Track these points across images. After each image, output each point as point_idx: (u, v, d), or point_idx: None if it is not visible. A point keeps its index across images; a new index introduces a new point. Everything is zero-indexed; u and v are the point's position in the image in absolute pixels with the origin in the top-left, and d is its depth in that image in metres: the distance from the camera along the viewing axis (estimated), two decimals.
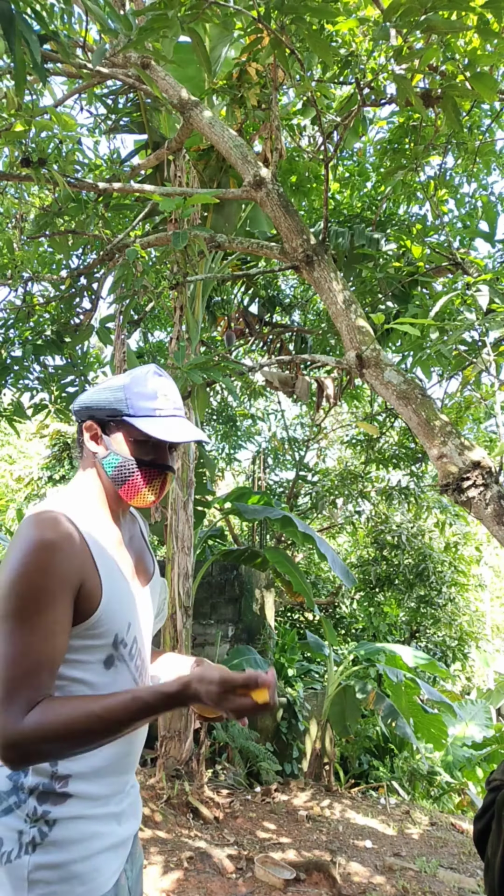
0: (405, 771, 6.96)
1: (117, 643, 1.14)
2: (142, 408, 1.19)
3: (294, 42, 3.20)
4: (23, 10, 2.37)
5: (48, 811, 1.09)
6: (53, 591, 1.03)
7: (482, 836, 1.28)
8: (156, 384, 1.22)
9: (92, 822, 1.13)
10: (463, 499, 2.52)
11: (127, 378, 1.22)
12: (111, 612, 1.12)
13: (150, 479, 1.20)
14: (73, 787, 1.11)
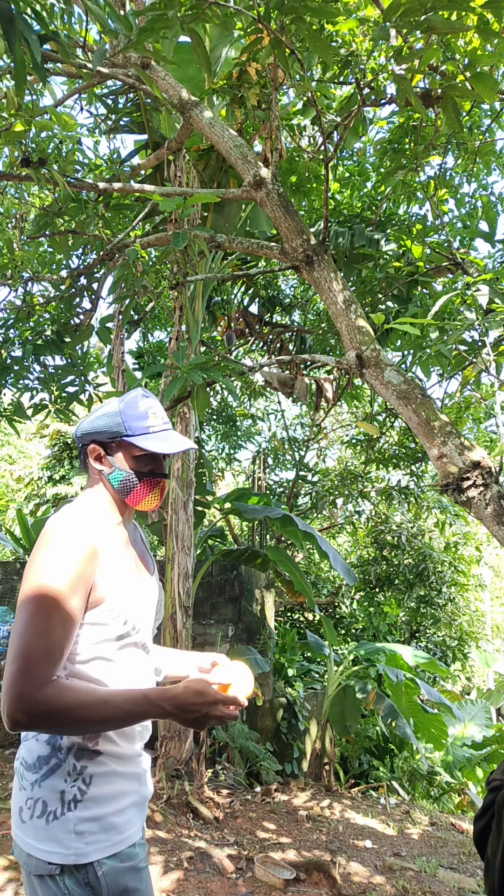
0: (405, 771, 6.97)
1: (127, 626, 1.33)
2: (137, 427, 1.41)
3: (294, 42, 3.20)
4: (23, 10, 2.37)
5: (85, 766, 1.29)
6: (75, 587, 1.23)
7: (482, 836, 1.28)
8: (145, 405, 1.44)
9: (121, 780, 1.33)
10: (463, 499, 2.52)
11: (120, 404, 1.43)
12: (118, 599, 1.32)
13: (151, 486, 1.43)
14: (102, 745, 1.31)
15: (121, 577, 1.36)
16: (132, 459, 1.41)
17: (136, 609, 1.37)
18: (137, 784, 1.37)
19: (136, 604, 1.38)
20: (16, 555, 10.24)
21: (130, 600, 1.36)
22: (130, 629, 1.35)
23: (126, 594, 1.35)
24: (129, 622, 1.34)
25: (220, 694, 1.25)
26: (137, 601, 1.39)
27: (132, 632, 1.35)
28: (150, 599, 1.47)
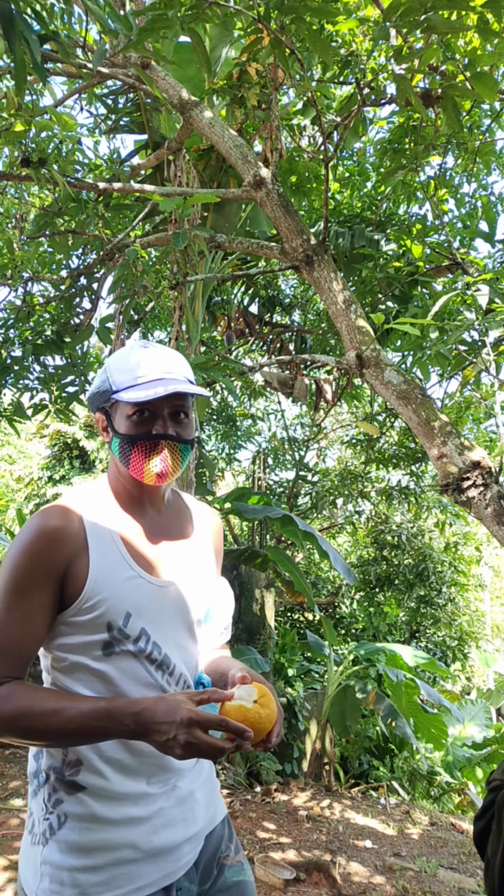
0: (405, 771, 6.97)
1: (113, 630, 1.09)
2: (123, 381, 1.15)
3: (294, 42, 3.20)
4: (23, 10, 2.37)
5: (60, 800, 1.09)
6: (37, 577, 1.06)
7: (482, 836, 1.28)
8: (139, 356, 1.17)
9: (105, 829, 1.07)
10: (463, 499, 2.52)
11: (110, 358, 1.21)
12: (100, 597, 1.09)
13: (147, 451, 1.14)
14: (84, 777, 1.08)
15: (111, 571, 1.11)
16: (126, 422, 1.14)
17: (137, 612, 1.11)
18: (137, 833, 1.08)
19: (137, 606, 1.11)
20: None
21: (125, 600, 1.10)
22: (120, 636, 1.09)
23: (117, 592, 1.10)
24: (116, 626, 1.09)
25: (202, 715, 0.95)
26: (142, 603, 1.12)
27: (124, 639, 1.10)
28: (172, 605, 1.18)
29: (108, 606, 1.09)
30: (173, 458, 1.15)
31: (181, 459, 1.16)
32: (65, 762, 1.09)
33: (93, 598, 1.08)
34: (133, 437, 1.14)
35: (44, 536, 1.08)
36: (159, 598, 1.16)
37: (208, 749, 0.94)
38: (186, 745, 0.93)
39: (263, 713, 1.01)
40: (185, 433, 1.17)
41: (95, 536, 1.12)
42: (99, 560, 1.10)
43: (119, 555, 1.14)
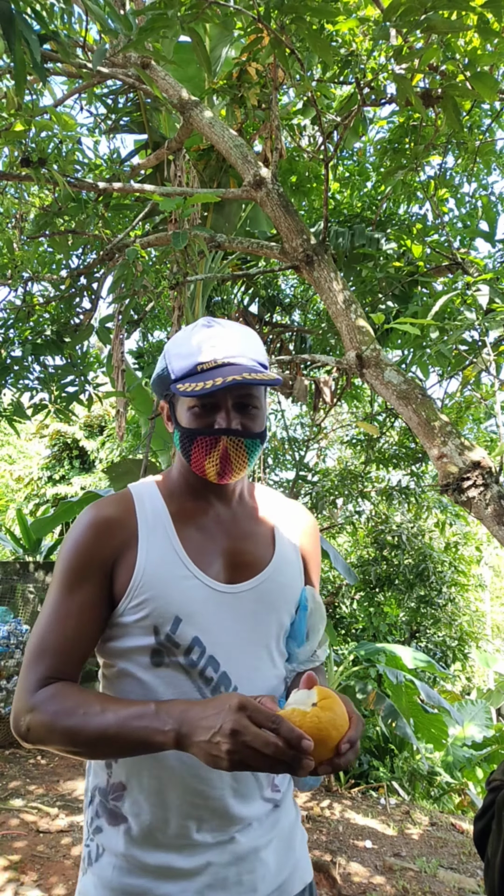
0: (405, 771, 6.96)
1: (160, 636, 0.96)
2: (182, 367, 1.00)
3: (294, 42, 3.20)
4: (23, 10, 2.37)
5: (100, 829, 0.99)
6: (85, 570, 0.98)
7: (482, 837, 1.27)
8: (201, 337, 1.01)
9: (140, 876, 0.94)
10: (463, 499, 2.51)
11: (170, 340, 1.07)
12: (147, 595, 0.97)
13: (207, 448, 0.99)
14: (127, 806, 0.97)
15: (161, 567, 0.98)
16: (187, 413, 1.01)
17: (189, 618, 0.97)
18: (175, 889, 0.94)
19: (189, 611, 0.97)
20: (16, 555, 10.24)
21: (174, 602, 0.97)
22: (168, 643, 0.96)
23: (166, 592, 0.97)
24: (164, 632, 0.96)
25: (255, 704, 0.78)
26: (195, 609, 0.98)
27: (174, 649, 0.96)
28: (238, 616, 1.02)
29: (155, 607, 0.97)
30: (237, 454, 1.00)
31: (247, 456, 1.01)
32: (108, 783, 1.00)
33: (139, 596, 0.97)
34: (192, 431, 1.00)
35: (92, 527, 1.00)
36: (221, 606, 1.00)
37: (258, 742, 0.74)
38: (232, 734, 0.75)
39: (324, 717, 0.79)
40: (253, 425, 1.01)
41: (148, 528, 1.01)
42: (149, 554, 0.99)
43: (172, 550, 1.01)
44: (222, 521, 1.08)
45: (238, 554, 1.06)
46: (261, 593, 1.05)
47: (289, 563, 1.11)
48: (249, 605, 1.03)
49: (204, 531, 1.05)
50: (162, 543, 1.01)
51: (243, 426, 1.00)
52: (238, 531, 1.08)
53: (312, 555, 1.19)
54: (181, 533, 1.03)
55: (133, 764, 0.98)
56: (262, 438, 1.02)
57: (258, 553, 1.08)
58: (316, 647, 1.12)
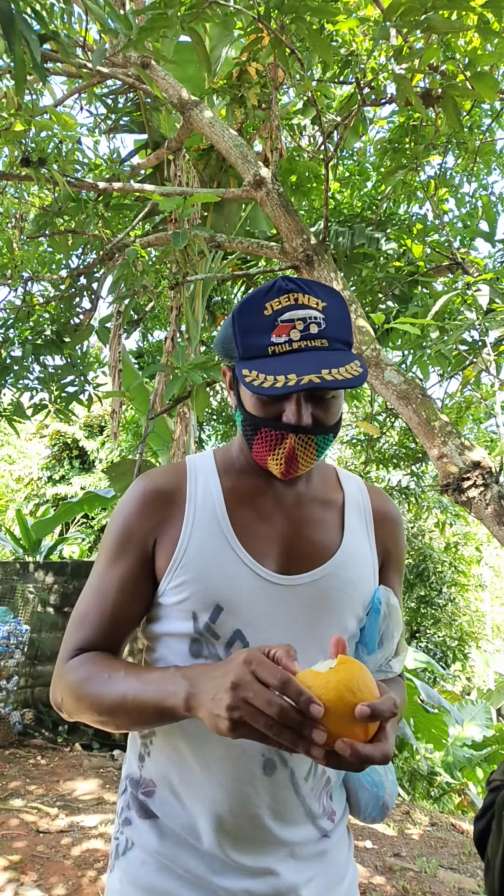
0: (405, 771, 6.96)
1: (198, 622, 0.88)
2: (251, 345, 0.85)
3: (294, 42, 3.20)
4: (23, 10, 2.37)
5: (130, 821, 0.92)
6: (127, 541, 0.91)
7: (482, 837, 1.27)
8: (276, 304, 0.85)
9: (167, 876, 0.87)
10: (463, 499, 2.51)
11: (242, 302, 0.89)
12: (187, 576, 0.88)
13: (272, 444, 0.87)
14: (159, 804, 0.90)
15: (206, 547, 0.89)
16: (251, 396, 0.88)
17: (232, 608, 0.87)
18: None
19: (233, 600, 0.87)
20: (15, 555, 10.24)
21: (216, 588, 0.87)
22: (207, 633, 0.87)
23: (208, 575, 0.87)
24: (203, 620, 0.87)
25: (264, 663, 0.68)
26: (240, 598, 0.87)
27: (214, 640, 0.87)
28: (294, 611, 0.90)
29: (195, 591, 0.88)
30: (305, 454, 0.87)
31: (317, 453, 0.88)
32: (140, 776, 0.94)
33: (180, 576, 0.88)
34: (257, 420, 0.87)
35: (137, 498, 0.92)
36: (271, 599, 0.89)
37: (260, 700, 0.65)
38: (233, 688, 0.67)
39: (341, 682, 0.65)
40: (327, 417, 0.87)
41: (196, 503, 0.92)
42: (194, 531, 0.90)
43: (220, 530, 0.90)
44: (283, 502, 0.95)
45: (298, 541, 0.93)
46: (321, 588, 0.91)
47: (359, 556, 0.96)
48: (306, 601, 0.90)
49: (260, 513, 0.93)
50: (209, 522, 0.91)
51: (316, 420, 0.86)
52: (300, 515, 0.95)
53: (394, 551, 1.03)
54: (233, 513, 0.92)
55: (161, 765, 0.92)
56: (336, 431, 0.89)
57: (322, 542, 0.94)
58: (391, 655, 0.99)
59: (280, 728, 0.65)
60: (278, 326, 0.84)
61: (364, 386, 6.99)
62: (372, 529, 1.01)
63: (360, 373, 0.81)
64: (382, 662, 0.98)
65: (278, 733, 0.65)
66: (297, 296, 0.85)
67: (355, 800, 0.99)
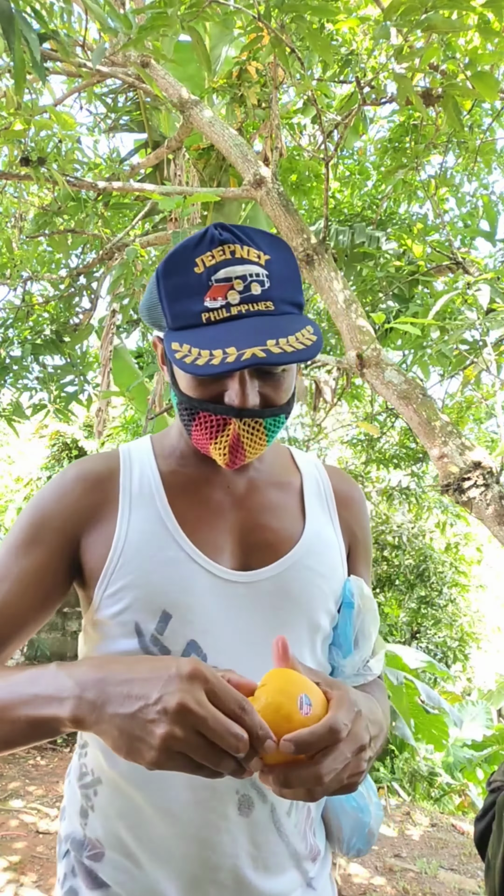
0: (406, 772, 6.96)
1: (143, 637, 0.73)
2: (181, 313, 0.71)
3: (294, 41, 3.19)
4: (22, 9, 2.36)
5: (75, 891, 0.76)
6: (41, 531, 0.76)
7: (483, 838, 1.27)
8: (209, 259, 0.70)
9: None
10: (464, 499, 2.51)
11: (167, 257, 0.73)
12: (124, 581, 0.74)
13: (211, 430, 0.73)
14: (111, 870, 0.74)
15: (146, 545, 0.75)
16: (187, 374, 0.73)
17: (182, 614, 0.73)
18: None
19: (182, 603, 0.73)
20: None
21: (161, 591, 0.73)
22: (155, 648, 0.73)
23: (150, 577, 0.73)
24: (148, 632, 0.73)
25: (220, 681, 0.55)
26: (191, 601, 0.74)
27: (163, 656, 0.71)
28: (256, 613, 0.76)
29: (137, 596, 0.73)
30: (253, 438, 0.73)
31: (267, 437, 0.75)
32: (84, 835, 0.78)
33: (116, 582, 0.74)
34: (194, 402, 0.73)
35: (59, 481, 0.79)
36: (229, 600, 0.76)
37: (217, 731, 0.51)
38: (179, 713, 0.52)
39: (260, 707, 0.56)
40: (278, 395, 0.74)
41: (132, 494, 0.78)
42: (131, 526, 0.76)
43: (161, 524, 0.77)
44: (233, 489, 0.82)
45: (254, 531, 0.80)
46: (286, 582, 0.78)
47: (325, 543, 0.84)
48: (270, 600, 0.77)
49: (207, 503, 0.80)
50: (148, 515, 0.77)
51: (264, 399, 0.72)
52: (255, 502, 0.82)
53: (360, 536, 0.90)
54: (176, 504, 0.79)
55: (110, 820, 0.75)
56: (288, 410, 0.76)
57: (282, 529, 0.81)
58: (368, 655, 0.86)
59: (227, 761, 0.53)
60: (212, 287, 0.69)
61: (364, 386, 6.99)
62: (335, 512, 0.88)
63: (314, 341, 0.67)
64: (360, 665, 0.85)
65: (221, 764, 0.53)
66: (233, 248, 0.70)
67: (337, 829, 0.84)
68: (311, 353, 0.66)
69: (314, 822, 0.81)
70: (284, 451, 0.93)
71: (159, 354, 0.82)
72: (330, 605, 0.82)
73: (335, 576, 0.83)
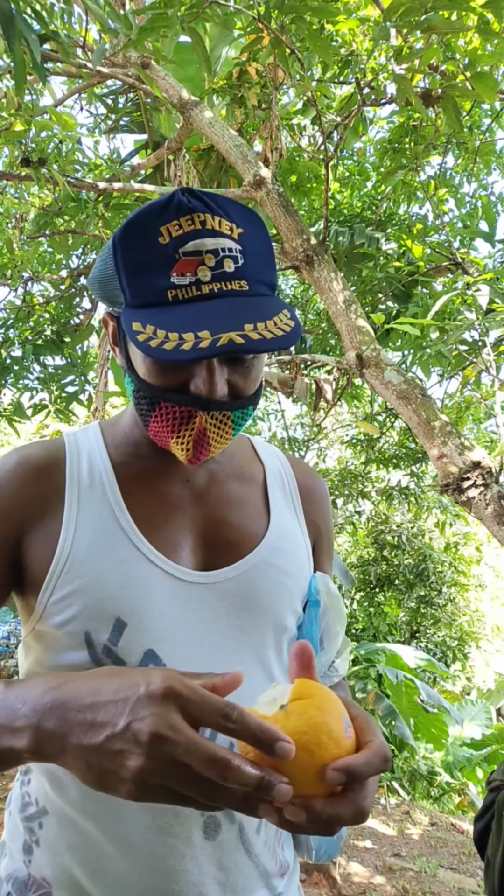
0: (405, 771, 6.97)
1: (94, 649, 0.65)
2: (143, 289, 0.62)
3: (294, 42, 3.20)
4: (23, 10, 2.37)
5: None
6: None
7: (482, 837, 1.27)
8: (175, 229, 0.61)
9: None
10: (463, 499, 2.51)
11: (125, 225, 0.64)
12: (73, 585, 0.65)
13: (173, 423, 0.65)
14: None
15: (97, 544, 0.67)
16: (146, 359, 0.65)
17: (138, 620, 0.65)
18: None
19: (139, 609, 0.66)
20: None
21: (114, 596, 0.65)
22: (108, 660, 0.65)
23: (102, 580, 0.65)
24: (100, 643, 0.65)
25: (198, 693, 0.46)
26: (148, 605, 0.66)
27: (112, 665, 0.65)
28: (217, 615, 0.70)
29: (87, 603, 0.65)
30: (220, 432, 0.67)
31: (234, 429, 0.68)
32: (29, 875, 0.68)
33: (64, 587, 0.65)
34: (154, 391, 0.65)
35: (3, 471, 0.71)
36: (189, 603, 0.69)
37: (198, 758, 0.44)
38: (152, 742, 0.44)
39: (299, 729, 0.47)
40: (246, 385, 0.67)
41: (80, 487, 0.70)
42: (80, 524, 0.68)
43: (113, 521, 0.69)
44: (193, 483, 0.75)
45: (216, 528, 0.74)
46: (251, 582, 0.72)
47: (290, 539, 0.78)
48: (234, 601, 0.71)
49: (164, 497, 0.73)
50: (99, 511, 0.69)
51: (233, 390, 0.66)
52: (216, 496, 0.76)
53: (324, 531, 0.85)
54: (130, 498, 0.71)
55: (59, 855, 0.66)
56: (256, 402, 0.70)
57: (246, 525, 0.75)
58: (334, 656, 0.82)
59: (220, 793, 0.45)
60: (180, 262, 0.61)
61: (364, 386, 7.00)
62: (300, 506, 0.83)
63: (293, 327, 0.61)
64: (326, 666, 0.81)
65: (215, 797, 0.45)
66: (203, 217, 0.61)
67: (305, 839, 0.77)
68: (292, 340, 0.60)
69: (282, 836, 0.75)
70: (245, 441, 0.86)
71: (111, 333, 0.72)
72: (296, 604, 0.77)
73: (301, 573, 0.78)
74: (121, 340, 0.70)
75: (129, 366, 0.69)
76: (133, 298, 0.63)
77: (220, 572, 0.71)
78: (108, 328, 0.72)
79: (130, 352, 0.68)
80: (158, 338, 0.58)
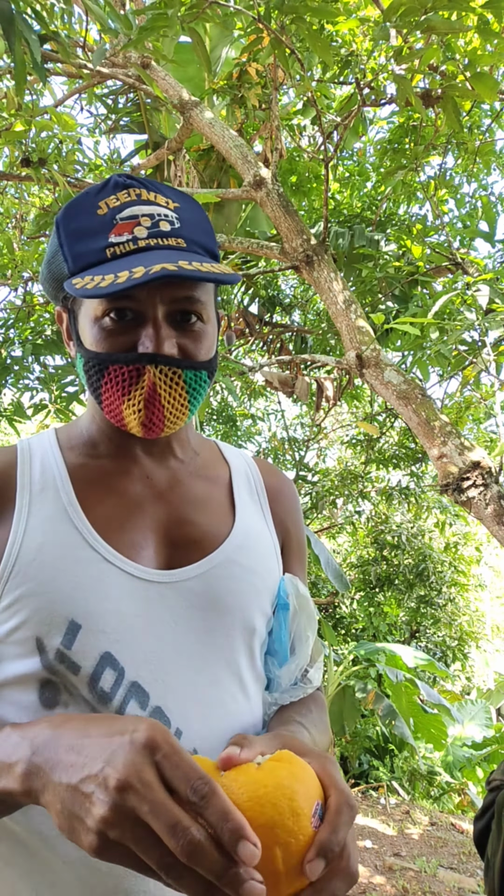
0: (405, 771, 6.97)
1: (47, 654, 0.61)
2: (83, 252, 0.65)
3: (294, 42, 3.20)
4: (23, 10, 2.37)
5: None
6: None
7: (482, 836, 1.28)
8: (112, 201, 0.65)
9: None
10: (463, 499, 2.52)
11: (65, 206, 0.68)
12: (24, 588, 0.62)
13: (123, 385, 0.64)
14: None
15: (51, 544, 0.64)
16: (93, 328, 0.65)
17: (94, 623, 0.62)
18: None
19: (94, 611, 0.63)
20: None
21: (68, 597, 0.62)
22: (62, 667, 0.61)
23: (55, 581, 0.63)
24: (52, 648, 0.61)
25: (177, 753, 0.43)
26: (105, 607, 0.63)
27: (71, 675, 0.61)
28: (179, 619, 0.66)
29: (38, 606, 0.62)
30: (172, 394, 0.65)
31: (188, 396, 0.67)
32: None
33: (14, 591, 0.62)
34: (101, 357, 0.65)
35: None
36: (149, 603, 0.65)
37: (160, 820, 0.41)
38: (120, 789, 0.42)
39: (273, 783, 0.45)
40: (196, 349, 0.67)
41: (31, 491, 0.68)
42: (30, 527, 0.65)
43: (67, 521, 0.66)
44: (154, 481, 0.73)
45: (178, 526, 0.71)
46: (216, 580, 0.69)
47: (257, 538, 0.76)
48: (197, 601, 0.67)
49: (123, 496, 0.71)
50: (51, 512, 0.67)
51: (182, 349, 0.66)
52: (178, 495, 0.73)
53: (294, 532, 0.83)
54: (85, 497, 0.69)
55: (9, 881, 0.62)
56: (211, 370, 0.68)
57: (210, 523, 0.73)
58: (305, 663, 0.76)
59: (182, 871, 0.41)
60: (118, 225, 0.63)
61: (364, 386, 7.00)
62: (267, 506, 0.81)
63: (232, 273, 0.61)
64: (297, 674, 0.76)
65: (178, 876, 0.41)
66: (139, 191, 0.66)
67: None
68: (230, 279, 0.60)
69: None
70: (211, 445, 0.84)
71: (64, 329, 0.72)
72: (265, 604, 0.73)
73: (269, 573, 0.75)
74: (73, 331, 0.70)
75: (79, 345, 0.69)
76: (74, 264, 0.65)
77: (183, 571, 0.69)
78: (62, 325, 0.73)
79: (80, 331, 0.68)
80: (95, 281, 0.60)
